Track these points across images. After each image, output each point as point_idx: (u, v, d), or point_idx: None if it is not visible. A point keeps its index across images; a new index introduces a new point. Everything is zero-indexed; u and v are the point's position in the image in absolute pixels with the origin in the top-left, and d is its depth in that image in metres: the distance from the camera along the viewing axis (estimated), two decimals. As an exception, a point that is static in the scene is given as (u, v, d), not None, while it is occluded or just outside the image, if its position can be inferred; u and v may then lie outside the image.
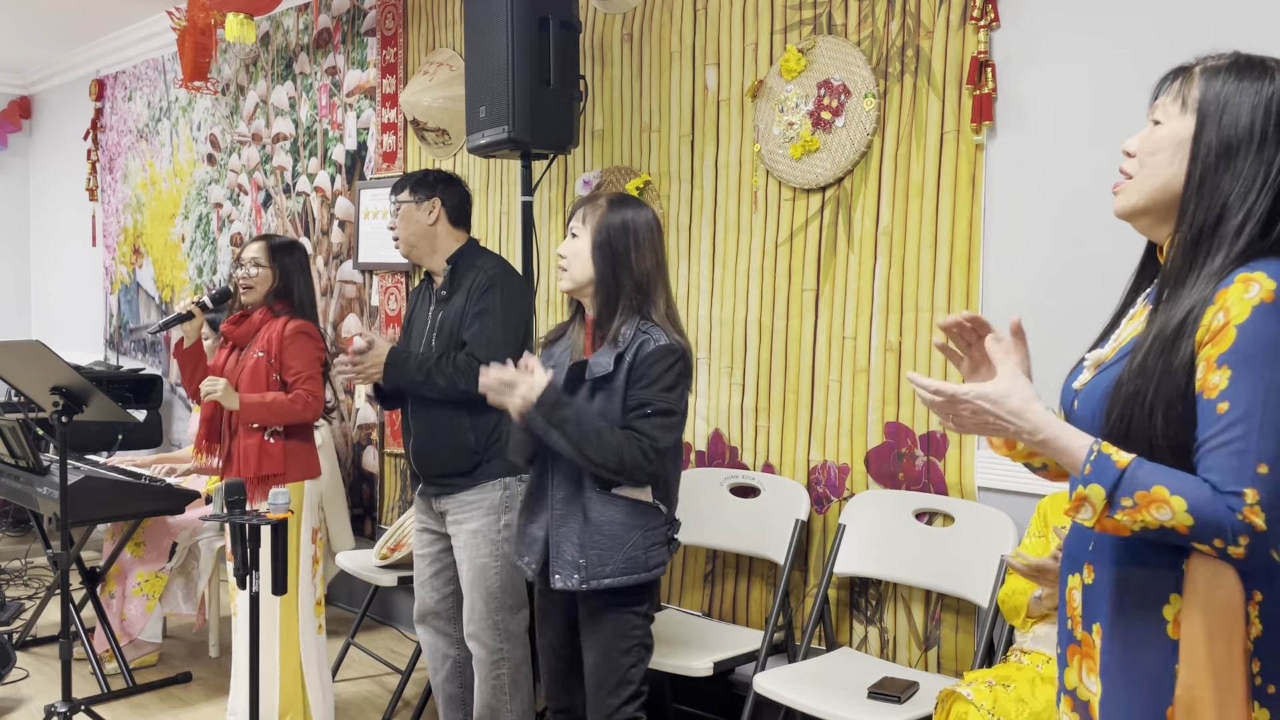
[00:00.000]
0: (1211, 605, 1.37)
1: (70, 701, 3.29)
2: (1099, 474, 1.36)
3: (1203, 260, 1.41)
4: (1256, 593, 1.38)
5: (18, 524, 6.35)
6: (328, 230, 4.94)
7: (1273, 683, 1.39)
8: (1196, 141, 1.44)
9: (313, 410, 3.18)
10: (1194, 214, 1.43)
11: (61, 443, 3.31)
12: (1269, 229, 1.40)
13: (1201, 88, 1.45)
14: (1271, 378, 1.32)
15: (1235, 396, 1.33)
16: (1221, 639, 1.37)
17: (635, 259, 2.41)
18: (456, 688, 3.15)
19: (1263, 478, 1.30)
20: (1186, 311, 1.39)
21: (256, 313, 3.29)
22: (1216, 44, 2.45)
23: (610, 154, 3.73)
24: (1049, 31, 2.73)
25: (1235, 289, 1.35)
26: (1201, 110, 1.44)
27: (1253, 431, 1.31)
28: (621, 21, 3.69)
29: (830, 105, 3.12)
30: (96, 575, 4.12)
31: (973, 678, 2.28)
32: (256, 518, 2.49)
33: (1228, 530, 1.30)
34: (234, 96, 5.52)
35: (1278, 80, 1.43)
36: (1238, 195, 1.41)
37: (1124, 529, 1.36)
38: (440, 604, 3.11)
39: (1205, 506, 1.31)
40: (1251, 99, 1.42)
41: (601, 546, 2.37)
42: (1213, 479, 1.32)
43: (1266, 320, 1.33)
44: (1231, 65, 1.46)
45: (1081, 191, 2.68)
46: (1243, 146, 1.42)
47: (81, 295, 6.96)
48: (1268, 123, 1.41)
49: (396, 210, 3.07)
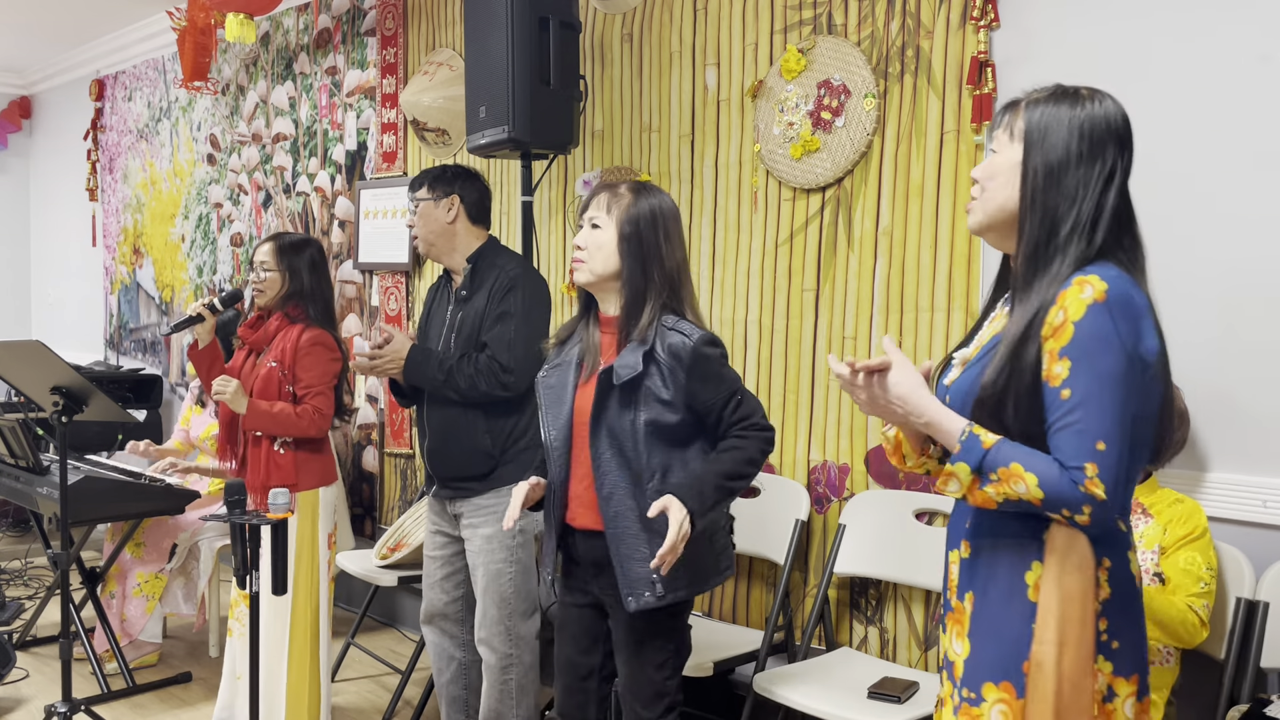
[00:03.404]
0: (1067, 572, 1.56)
1: (70, 701, 3.29)
2: (966, 453, 1.56)
3: (1042, 268, 1.60)
4: (1106, 559, 1.58)
5: (18, 524, 6.35)
6: (328, 230, 4.94)
7: (1117, 639, 1.59)
8: (1025, 166, 1.63)
9: (317, 427, 3.14)
10: (1030, 230, 1.62)
11: (61, 443, 3.31)
12: (1095, 235, 1.58)
13: (1025, 118, 1.64)
14: (1104, 366, 1.51)
15: (1075, 384, 1.52)
16: (1075, 601, 1.55)
17: (667, 251, 2.28)
18: (460, 689, 3.14)
19: (1100, 454, 1.50)
20: (1033, 313, 1.57)
21: (273, 317, 3.24)
22: (1217, 44, 2.46)
23: (610, 154, 3.73)
24: (1049, 31, 2.73)
25: (1072, 290, 1.54)
26: (1026, 138, 1.63)
27: (1091, 414, 1.51)
28: (621, 21, 3.69)
29: (830, 105, 3.12)
30: (96, 575, 4.12)
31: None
32: (257, 518, 2.49)
33: (1073, 501, 1.50)
34: (234, 96, 5.52)
35: (1087, 106, 1.62)
36: (1064, 210, 1.60)
37: (991, 501, 1.56)
38: (449, 606, 3.09)
39: (1053, 481, 1.50)
40: (1066, 124, 1.61)
41: (682, 561, 2.20)
42: (1059, 456, 1.52)
43: (1098, 317, 1.52)
44: (1050, 96, 1.65)
45: (1081, 191, 2.67)
46: (1064, 167, 1.60)
47: (81, 295, 6.96)
48: (1082, 143, 1.60)
49: (415, 208, 3.02)
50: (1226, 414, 2.47)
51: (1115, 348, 1.51)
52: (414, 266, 4.48)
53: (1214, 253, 2.48)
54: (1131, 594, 1.61)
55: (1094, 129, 1.61)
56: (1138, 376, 1.53)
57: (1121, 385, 1.51)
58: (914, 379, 1.64)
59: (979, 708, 1.62)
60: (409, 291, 4.53)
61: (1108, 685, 1.58)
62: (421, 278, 4.48)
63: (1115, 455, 1.50)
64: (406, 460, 4.58)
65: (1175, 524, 2.34)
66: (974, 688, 1.63)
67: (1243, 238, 2.44)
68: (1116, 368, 1.51)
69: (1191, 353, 2.49)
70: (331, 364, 3.19)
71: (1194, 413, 2.46)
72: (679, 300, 2.30)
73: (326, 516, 3.24)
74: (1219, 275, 2.48)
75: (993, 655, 1.62)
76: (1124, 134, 1.63)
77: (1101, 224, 1.59)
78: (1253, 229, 2.43)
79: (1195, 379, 2.48)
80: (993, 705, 1.60)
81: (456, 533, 3.02)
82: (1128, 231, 1.62)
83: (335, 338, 3.24)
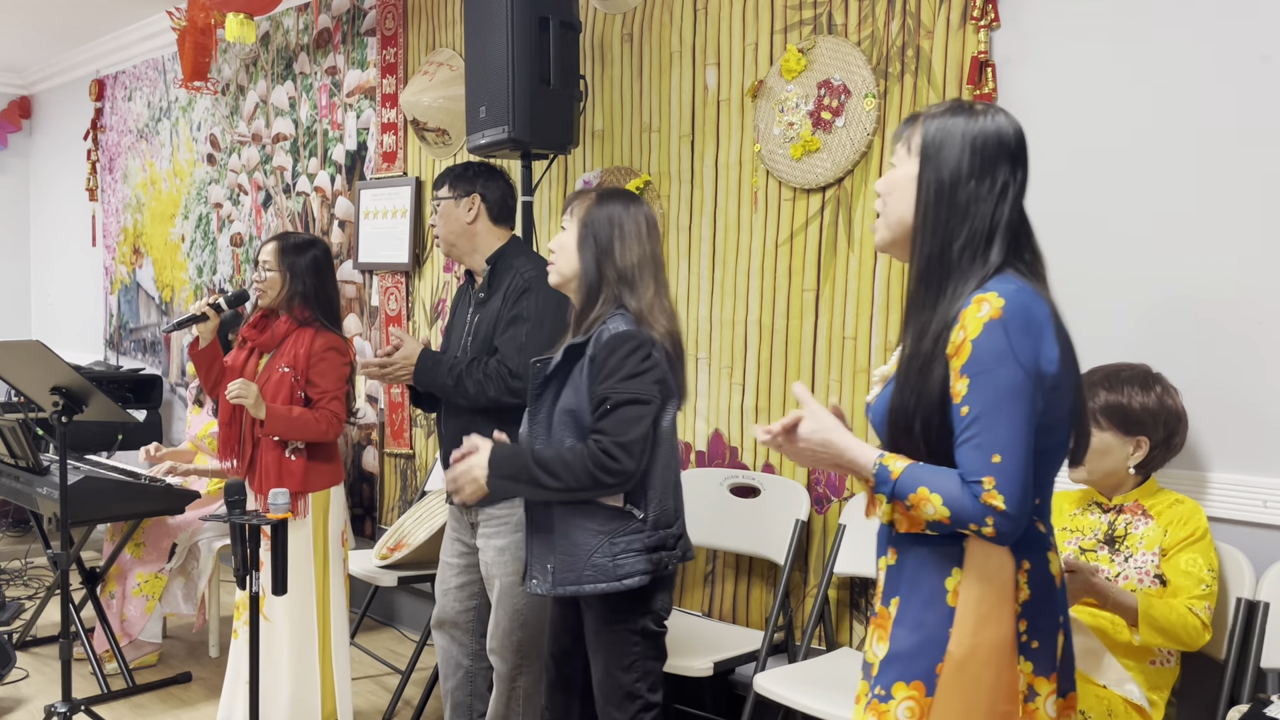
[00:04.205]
0: (985, 576, 1.60)
1: (70, 701, 3.29)
2: (880, 484, 1.61)
3: (936, 283, 1.63)
4: (1025, 561, 1.62)
5: (18, 524, 6.35)
6: (328, 230, 4.94)
7: (1037, 639, 1.62)
8: (920, 180, 1.65)
9: (334, 430, 3.16)
10: (923, 244, 1.64)
11: (61, 443, 3.31)
12: (990, 252, 1.61)
13: (921, 133, 1.66)
14: (1000, 381, 1.54)
15: (974, 400, 1.55)
16: (993, 604, 1.59)
17: (620, 251, 2.34)
18: (465, 695, 3.12)
19: (997, 466, 1.53)
20: (937, 333, 1.60)
21: (280, 319, 3.23)
22: (1217, 43, 2.46)
23: (610, 154, 3.73)
24: (1049, 31, 2.73)
25: (971, 309, 1.57)
26: (922, 153, 1.66)
27: (987, 428, 1.54)
28: (621, 21, 3.69)
29: (830, 105, 3.12)
30: (96, 575, 4.12)
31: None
32: (257, 518, 2.48)
33: (976, 515, 1.54)
34: (234, 96, 5.52)
35: (980, 121, 1.64)
36: (957, 225, 1.62)
37: (918, 526, 1.63)
38: (461, 615, 3.06)
39: (956, 498, 1.55)
40: (960, 139, 1.63)
41: (567, 553, 2.32)
42: (961, 472, 1.56)
43: (994, 334, 1.55)
44: (945, 110, 1.67)
45: (1081, 191, 2.68)
46: (957, 182, 1.62)
47: (81, 295, 6.96)
48: (975, 159, 1.62)
49: (436, 207, 2.98)
50: (1226, 414, 2.47)
51: (1010, 362, 1.54)
52: (414, 266, 4.48)
53: (1216, 253, 2.48)
54: (1051, 594, 1.65)
55: (985, 145, 1.63)
56: (1036, 388, 1.56)
57: (1018, 399, 1.54)
58: (826, 423, 1.68)
59: (886, 704, 1.66)
60: (409, 292, 4.53)
61: (1028, 685, 1.62)
62: (421, 278, 4.48)
63: (1013, 466, 1.54)
64: (406, 460, 4.58)
65: (1176, 525, 2.33)
66: (885, 685, 1.67)
67: (1243, 237, 2.44)
68: (1012, 382, 1.54)
69: (1192, 353, 2.50)
70: (344, 369, 3.22)
71: (1194, 413, 2.46)
72: (636, 298, 2.33)
73: (338, 515, 3.26)
74: (1220, 276, 2.48)
75: (908, 656, 1.65)
76: (1016, 150, 1.65)
77: (996, 239, 1.62)
78: (1253, 229, 2.43)
79: (1196, 379, 2.48)
80: (900, 703, 1.64)
81: (474, 541, 2.98)
82: (1027, 245, 1.65)
83: (343, 337, 3.26)
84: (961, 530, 1.57)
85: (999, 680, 1.58)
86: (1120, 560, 2.35)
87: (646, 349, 2.28)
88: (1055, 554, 1.68)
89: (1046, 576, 1.64)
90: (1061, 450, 1.67)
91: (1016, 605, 1.60)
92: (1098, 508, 2.44)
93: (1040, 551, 1.64)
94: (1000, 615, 1.59)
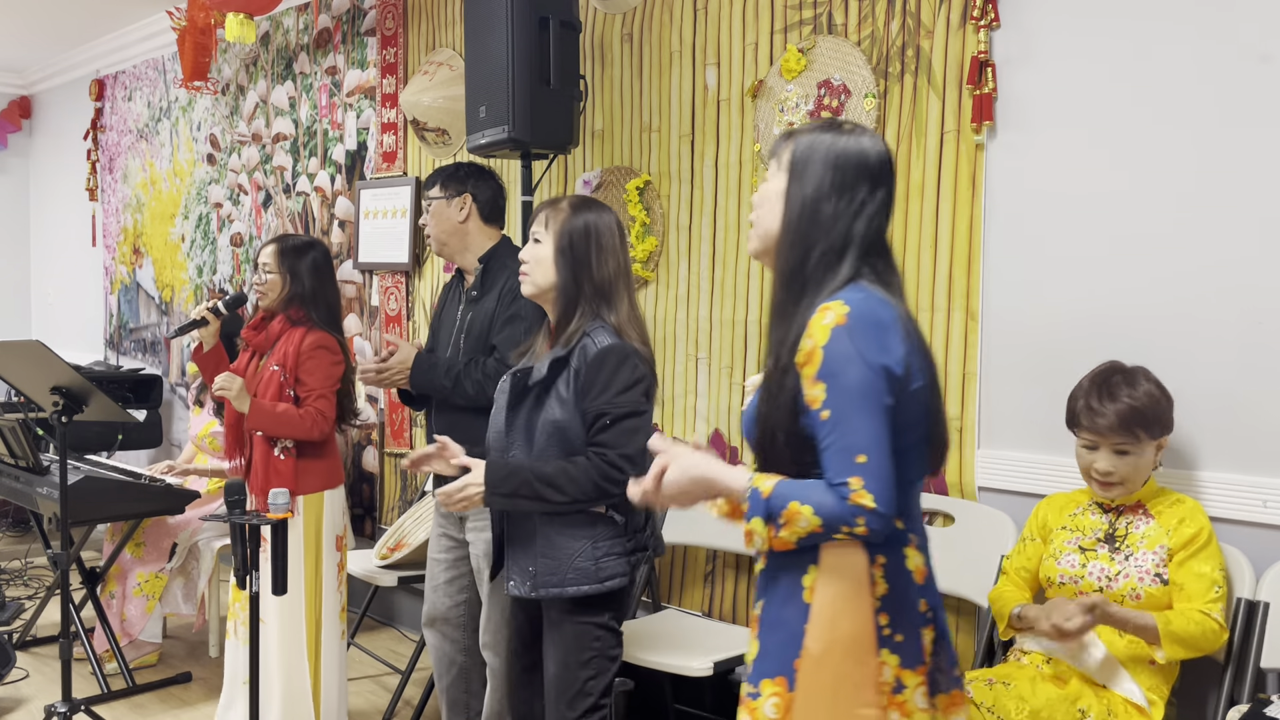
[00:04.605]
0: (839, 573, 1.64)
1: (70, 701, 3.28)
2: (754, 509, 1.63)
3: (794, 296, 1.68)
4: (880, 557, 1.65)
5: (18, 524, 6.35)
6: (328, 230, 4.94)
7: (899, 632, 1.65)
8: (786, 195, 1.71)
9: (320, 430, 3.14)
10: (785, 257, 1.70)
11: (61, 443, 3.31)
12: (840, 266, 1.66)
13: (790, 148, 1.72)
14: (852, 384, 1.58)
15: (831, 404, 1.59)
16: (849, 600, 1.64)
17: (597, 263, 2.37)
18: (460, 692, 3.13)
19: (862, 466, 1.57)
20: (792, 343, 1.64)
21: (275, 320, 3.24)
22: (1217, 44, 2.46)
23: (610, 154, 3.73)
24: (1049, 31, 2.73)
25: (817, 317, 1.62)
26: (789, 168, 1.71)
27: (846, 430, 1.58)
28: (621, 21, 3.69)
29: (830, 105, 3.12)
30: (96, 575, 4.12)
31: (973, 676, 2.28)
32: (256, 518, 2.48)
33: (847, 516, 1.57)
34: (234, 96, 5.52)
35: (844, 140, 1.70)
36: (815, 239, 1.68)
37: (789, 544, 1.62)
38: (452, 611, 3.07)
39: (825, 504, 1.57)
40: (824, 156, 1.69)
41: (549, 556, 2.35)
42: (827, 476, 1.59)
43: (839, 338, 1.59)
44: (816, 128, 1.73)
45: (1081, 191, 2.68)
46: (819, 198, 1.68)
47: (81, 295, 6.96)
48: (836, 176, 1.68)
49: (428, 207, 3.02)
50: (1226, 414, 2.47)
51: (858, 363, 1.58)
52: (414, 266, 4.48)
53: (1216, 252, 2.48)
54: (910, 589, 1.68)
55: (847, 163, 1.69)
56: (886, 385, 1.60)
57: (871, 397, 1.59)
58: (689, 461, 1.71)
59: (756, 701, 1.70)
60: (409, 291, 4.53)
61: (895, 677, 1.65)
62: (421, 278, 4.48)
63: (876, 464, 1.57)
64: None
65: (1179, 525, 2.33)
66: (755, 683, 1.72)
67: (1243, 236, 2.44)
68: (863, 382, 1.58)
69: (1192, 353, 2.50)
70: (334, 368, 3.19)
71: (1194, 413, 2.46)
72: (611, 310, 2.38)
73: (333, 519, 3.23)
74: (1220, 275, 2.47)
75: (772, 653, 1.70)
76: (877, 170, 1.70)
77: (849, 253, 1.67)
78: (1253, 227, 2.43)
79: (1196, 379, 2.48)
80: (767, 699, 1.68)
81: (462, 536, 3.01)
82: (880, 259, 1.70)
83: (340, 342, 3.23)
84: (836, 536, 1.59)
85: (860, 673, 1.62)
86: (1121, 559, 2.35)
87: (634, 361, 2.34)
88: (916, 550, 1.71)
89: (904, 571, 1.68)
90: (919, 451, 1.70)
91: (874, 600, 1.64)
92: (1098, 508, 2.44)
93: (897, 547, 1.67)
94: (856, 610, 1.63)
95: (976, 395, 2.86)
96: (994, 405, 2.84)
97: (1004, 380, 2.82)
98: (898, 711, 1.64)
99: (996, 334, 2.83)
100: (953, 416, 2.89)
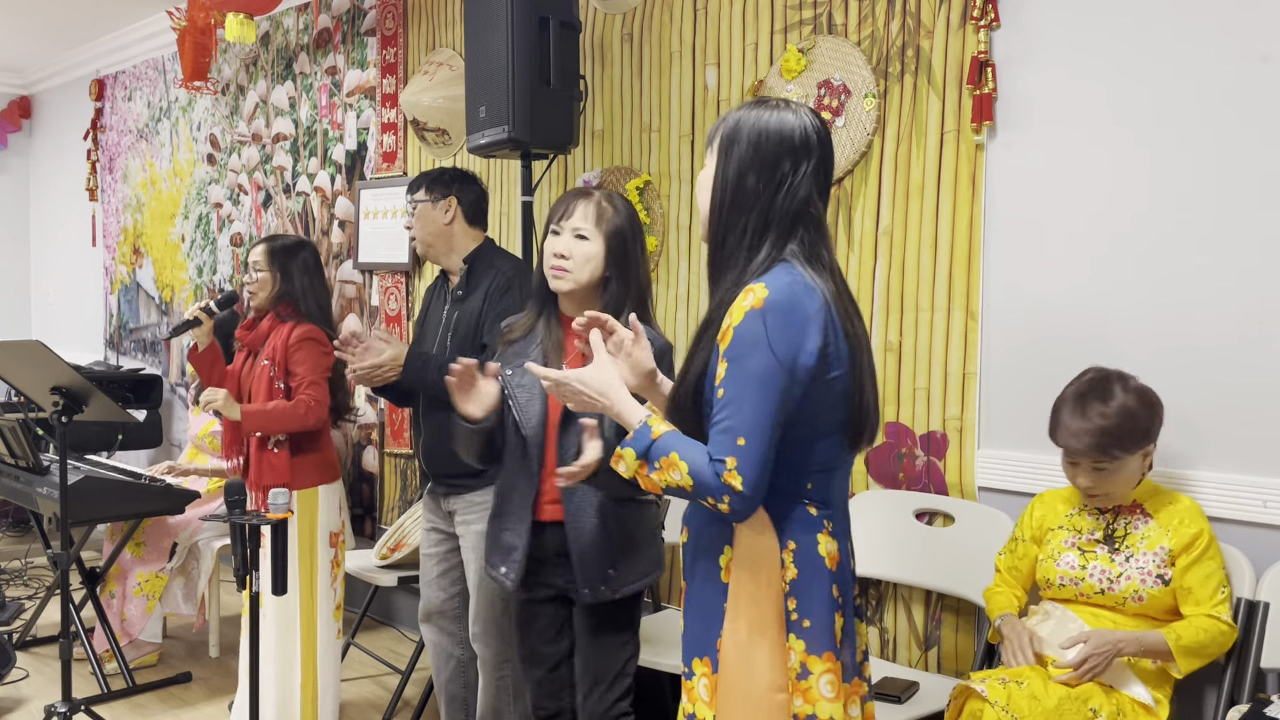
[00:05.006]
0: (750, 555, 1.68)
1: (70, 701, 3.29)
2: (636, 440, 1.68)
3: (719, 273, 1.73)
4: (791, 542, 1.69)
5: (18, 524, 6.35)
6: (328, 230, 4.94)
7: (807, 617, 1.68)
8: (716, 176, 1.74)
9: (315, 415, 3.15)
10: (713, 236, 1.75)
11: (61, 443, 3.31)
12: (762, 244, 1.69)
13: (722, 131, 1.74)
14: (751, 368, 1.61)
15: (728, 384, 1.62)
16: (762, 582, 1.68)
17: (641, 262, 2.42)
18: (459, 688, 3.14)
19: (740, 449, 1.60)
20: (714, 318, 1.69)
21: (266, 318, 3.27)
22: (1218, 44, 2.46)
23: (610, 154, 3.73)
24: (1049, 31, 2.73)
25: (741, 297, 1.65)
26: (719, 150, 1.74)
27: (735, 411, 1.61)
28: (621, 21, 3.69)
29: (830, 105, 3.12)
30: (96, 575, 4.12)
31: (986, 674, 2.28)
32: (256, 518, 2.49)
33: (715, 490, 1.60)
34: (234, 96, 5.52)
35: (765, 116, 1.71)
36: (735, 218, 1.71)
37: (655, 486, 1.67)
38: (446, 604, 3.09)
39: (701, 471, 1.61)
40: (746, 135, 1.71)
41: (629, 553, 2.36)
42: (710, 450, 1.62)
43: (753, 322, 1.62)
44: (743, 107, 1.75)
45: (1081, 191, 2.68)
46: (741, 176, 1.71)
47: (81, 295, 6.96)
48: (756, 154, 1.70)
49: (413, 210, 3.06)
50: (1226, 414, 2.47)
51: (764, 350, 1.60)
52: (414, 266, 4.48)
53: (1216, 252, 2.48)
54: (821, 575, 1.69)
55: (768, 140, 1.70)
56: (789, 378, 1.62)
57: (767, 386, 1.60)
58: (610, 374, 1.77)
59: (690, 681, 1.74)
60: (409, 291, 4.53)
61: (801, 663, 1.67)
62: (421, 278, 4.48)
63: (755, 450, 1.60)
64: (406, 460, 4.58)
65: (1180, 525, 2.33)
66: (687, 663, 1.76)
67: (1243, 237, 2.44)
68: (763, 369, 1.60)
69: (1192, 353, 2.50)
70: (323, 357, 3.22)
71: (1194, 413, 2.46)
72: (645, 308, 2.42)
73: (328, 514, 3.24)
74: (1221, 275, 2.47)
75: (697, 633, 1.74)
76: (800, 145, 1.70)
77: (770, 231, 1.69)
78: (1253, 228, 2.43)
79: (1196, 379, 2.48)
80: (698, 680, 1.73)
81: (451, 529, 3.04)
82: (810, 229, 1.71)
83: (329, 335, 3.25)
84: (700, 501, 1.64)
85: (771, 657, 1.66)
86: (1121, 560, 2.35)
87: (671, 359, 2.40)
88: (830, 537, 1.72)
89: (815, 557, 1.69)
90: (834, 437, 1.71)
91: (784, 584, 1.67)
92: (1094, 507, 2.44)
93: (809, 533, 1.70)
94: (766, 593, 1.67)
95: (976, 395, 2.86)
96: (994, 405, 2.84)
97: (1004, 380, 2.82)
98: (801, 698, 1.66)
99: (996, 334, 2.83)
100: (953, 416, 2.89)
